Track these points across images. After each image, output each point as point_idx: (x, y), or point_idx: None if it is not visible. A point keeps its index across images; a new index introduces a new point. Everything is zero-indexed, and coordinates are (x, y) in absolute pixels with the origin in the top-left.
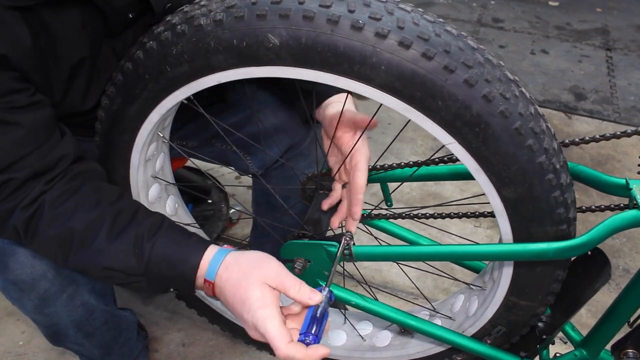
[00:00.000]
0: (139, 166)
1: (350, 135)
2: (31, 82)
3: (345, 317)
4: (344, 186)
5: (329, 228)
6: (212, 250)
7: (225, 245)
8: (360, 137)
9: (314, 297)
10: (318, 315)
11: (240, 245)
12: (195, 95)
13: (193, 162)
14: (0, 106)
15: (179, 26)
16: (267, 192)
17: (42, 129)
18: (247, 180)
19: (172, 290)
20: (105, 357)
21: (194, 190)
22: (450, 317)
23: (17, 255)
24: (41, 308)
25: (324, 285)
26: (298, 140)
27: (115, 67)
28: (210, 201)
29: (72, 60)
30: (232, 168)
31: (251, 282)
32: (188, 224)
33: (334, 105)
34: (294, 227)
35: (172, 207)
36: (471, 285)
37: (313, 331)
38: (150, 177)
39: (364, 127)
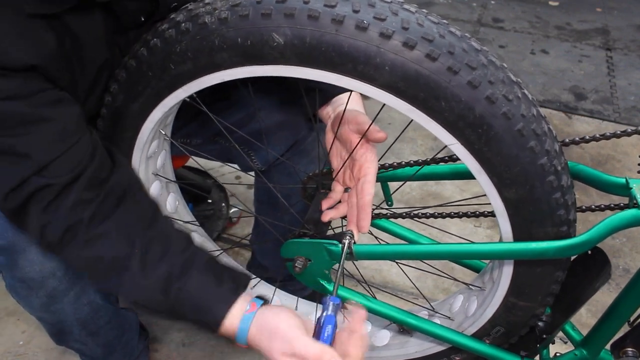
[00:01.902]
0: (140, 163)
1: (357, 138)
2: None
3: (344, 317)
4: (346, 190)
5: (329, 227)
6: (240, 309)
7: (251, 303)
8: (361, 140)
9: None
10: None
11: (240, 244)
12: (198, 92)
13: (195, 161)
14: (34, 102)
15: (183, 24)
16: (269, 190)
17: (74, 124)
18: (248, 179)
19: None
20: (107, 357)
21: (194, 190)
22: (449, 317)
23: (27, 253)
24: (48, 306)
25: (330, 294)
26: (301, 137)
27: None
28: (210, 200)
29: (97, 64)
30: (236, 167)
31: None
32: (188, 222)
33: (344, 105)
34: (296, 226)
35: (173, 205)
36: (470, 286)
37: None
38: (151, 175)
39: (373, 137)
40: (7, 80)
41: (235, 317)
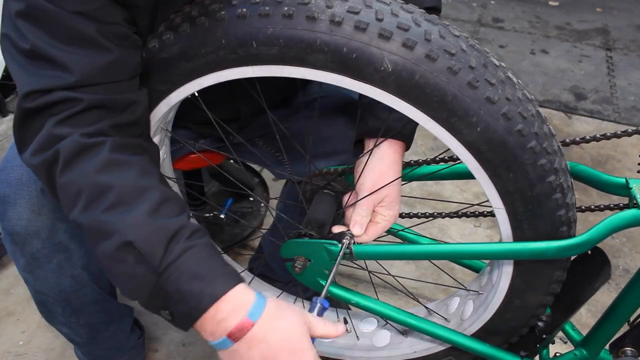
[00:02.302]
0: None
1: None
2: (137, 26)
3: (343, 317)
4: (349, 185)
5: (329, 228)
6: (252, 292)
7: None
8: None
9: (339, 329)
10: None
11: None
12: (265, 95)
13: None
14: (103, 29)
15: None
16: (297, 198)
17: (128, 66)
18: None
19: (167, 313)
20: (92, 341)
21: (239, 185)
22: (446, 319)
23: (17, 206)
24: (31, 268)
25: (320, 295)
26: (343, 162)
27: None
28: (252, 199)
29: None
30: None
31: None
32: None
33: (382, 151)
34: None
35: None
36: (469, 290)
37: None
38: None
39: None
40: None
41: (247, 293)
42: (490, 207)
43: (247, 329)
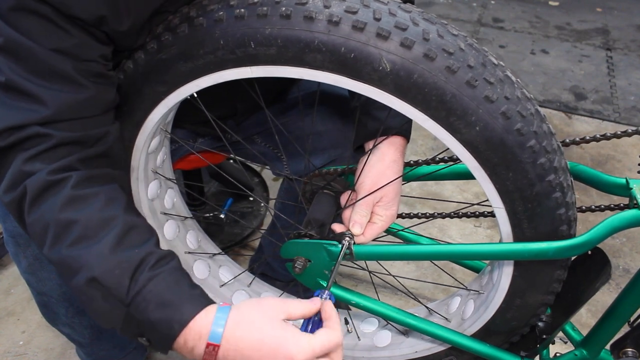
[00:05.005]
0: (140, 158)
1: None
2: (117, 45)
3: (344, 317)
4: (350, 186)
5: (329, 228)
6: (212, 310)
7: (221, 303)
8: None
9: (316, 303)
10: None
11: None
12: (260, 89)
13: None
14: (79, 66)
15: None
16: (296, 196)
17: (101, 102)
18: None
19: (145, 340)
20: (95, 342)
21: (238, 185)
22: (447, 319)
23: None
24: (34, 269)
25: (324, 288)
26: (340, 157)
27: None
28: (251, 198)
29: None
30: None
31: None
32: (186, 217)
33: (382, 150)
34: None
35: (170, 202)
36: (470, 290)
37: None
38: (150, 172)
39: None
40: (67, 37)
41: (207, 314)
42: (490, 207)
43: (216, 352)
